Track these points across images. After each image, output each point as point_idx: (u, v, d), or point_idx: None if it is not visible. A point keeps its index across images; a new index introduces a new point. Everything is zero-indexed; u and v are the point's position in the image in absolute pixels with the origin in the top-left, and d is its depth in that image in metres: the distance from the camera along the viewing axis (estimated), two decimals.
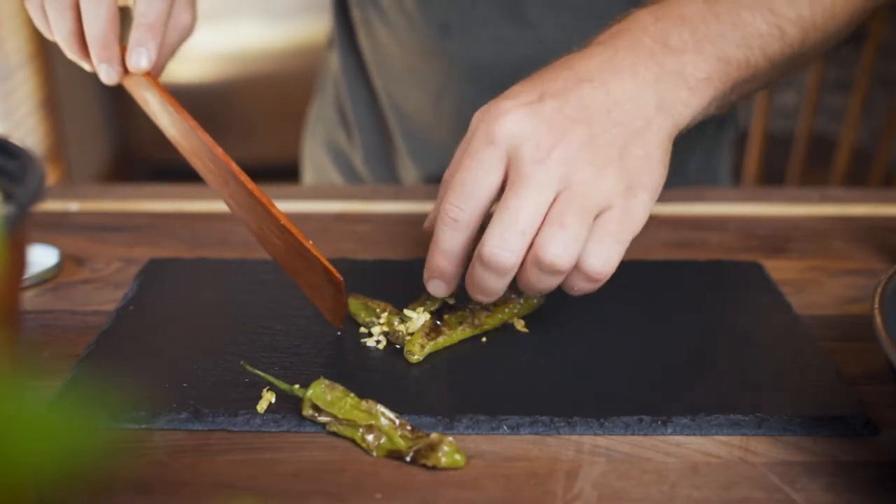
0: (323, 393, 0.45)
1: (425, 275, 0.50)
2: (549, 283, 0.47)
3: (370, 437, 0.44)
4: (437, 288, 0.50)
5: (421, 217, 0.71)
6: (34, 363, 0.51)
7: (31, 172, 0.34)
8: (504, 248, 0.45)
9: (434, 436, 0.43)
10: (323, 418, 0.45)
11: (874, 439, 0.45)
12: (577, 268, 0.46)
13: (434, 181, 0.83)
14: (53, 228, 0.68)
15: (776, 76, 0.56)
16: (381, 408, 0.44)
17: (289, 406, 0.46)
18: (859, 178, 1.60)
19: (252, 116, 2.86)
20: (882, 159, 1.51)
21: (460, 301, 0.53)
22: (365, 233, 0.69)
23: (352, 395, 0.45)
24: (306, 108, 1.04)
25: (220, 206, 0.72)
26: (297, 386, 0.46)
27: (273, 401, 0.47)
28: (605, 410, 0.46)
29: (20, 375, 0.33)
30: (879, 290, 0.44)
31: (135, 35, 0.54)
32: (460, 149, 0.51)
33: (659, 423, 0.45)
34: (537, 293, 0.49)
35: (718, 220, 0.71)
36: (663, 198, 0.74)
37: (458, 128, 0.82)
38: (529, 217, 0.45)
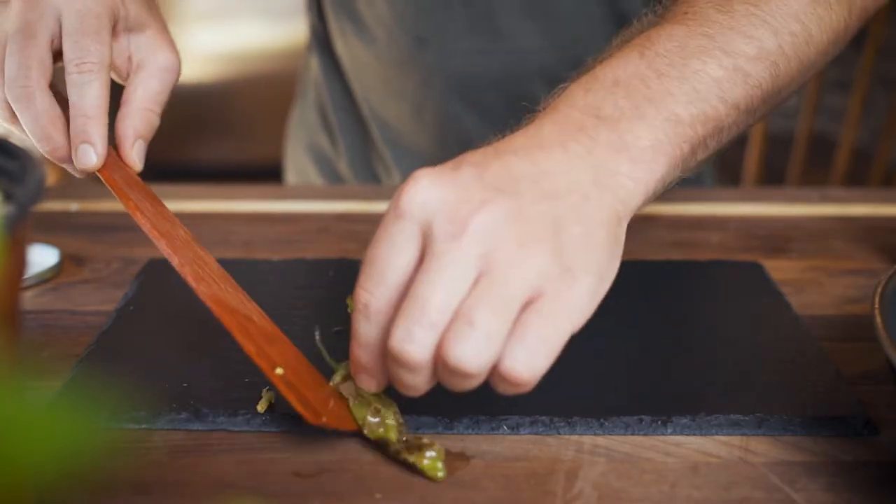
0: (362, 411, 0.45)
1: (352, 369, 0.43)
2: (463, 385, 0.40)
3: (372, 420, 0.44)
4: (367, 383, 0.43)
5: None
6: (34, 363, 0.51)
7: (31, 172, 0.34)
8: (411, 342, 0.38)
9: (428, 440, 0.43)
10: (345, 389, 0.45)
11: (874, 439, 0.45)
12: (495, 370, 0.39)
13: None
14: (53, 228, 0.68)
15: (754, 119, 0.49)
16: (396, 409, 0.44)
17: (289, 406, 0.46)
18: (859, 178, 1.60)
19: (252, 116, 2.86)
20: (882, 159, 1.51)
21: None
22: (365, 233, 0.68)
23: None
24: (290, 111, 1.04)
25: (220, 207, 0.72)
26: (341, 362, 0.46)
27: (273, 401, 0.47)
28: (605, 410, 0.46)
29: (20, 375, 0.33)
30: (879, 290, 0.44)
31: (74, 129, 0.50)
32: None
33: (659, 423, 0.45)
34: (460, 392, 0.41)
35: (718, 220, 0.71)
36: (663, 197, 0.74)
37: (440, 136, 0.82)
38: (438, 308, 0.38)
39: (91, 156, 0.51)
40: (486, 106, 0.79)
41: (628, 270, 0.62)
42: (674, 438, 0.45)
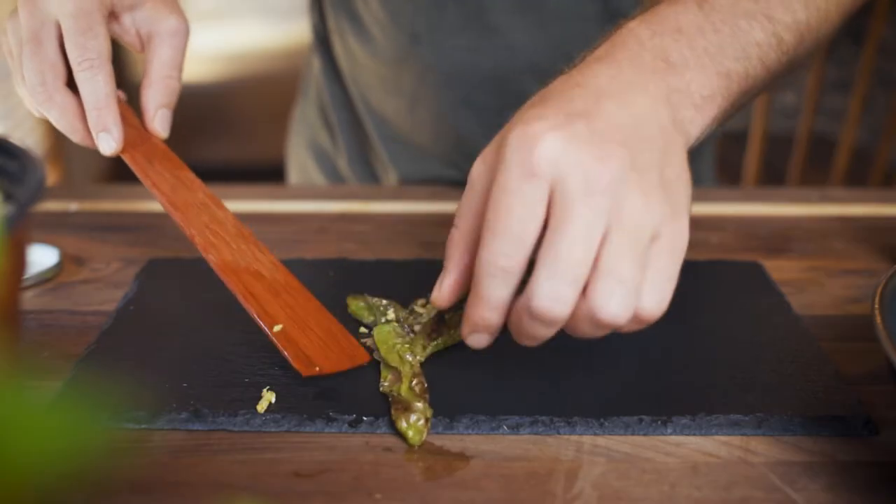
0: (388, 335, 0.51)
1: (465, 329, 0.44)
2: (603, 333, 0.43)
3: (388, 373, 0.48)
4: (480, 341, 0.45)
5: (421, 217, 0.71)
6: (34, 363, 0.51)
7: (31, 172, 0.34)
8: (556, 300, 0.40)
9: (420, 405, 0.45)
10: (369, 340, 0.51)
11: (874, 439, 0.45)
12: (632, 316, 0.41)
13: (413, 185, 0.83)
14: (53, 228, 0.68)
15: (770, 85, 0.53)
16: (419, 373, 0.48)
17: (289, 406, 0.46)
18: (859, 178, 1.60)
19: (251, 116, 2.87)
20: (882, 159, 1.52)
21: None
22: (365, 233, 0.69)
23: (404, 344, 0.50)
24: (293, 109, 1.04)
25: None
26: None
27: (273, 401, 0.47)
28: (605, 410, 0.46)
29: (20, 375, 0.33)
30: (879, 290, 0.44)
31: (90, 121, 0.54)
32: (480, 172, 0.44)
33: (659, 423, 0.45)
34: (585, 339, 0.43)
35: (718, 220, 0.71)
36: None
37: (435, 131, 0.82)
38: (581, 263, 0.40)
39: (110, 142, 0.55)
40: (478, 102, 0.80)
41: None
42: (674, 438, 0.45)
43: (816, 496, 0.41)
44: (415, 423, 0.44)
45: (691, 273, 0.61)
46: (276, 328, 0.49)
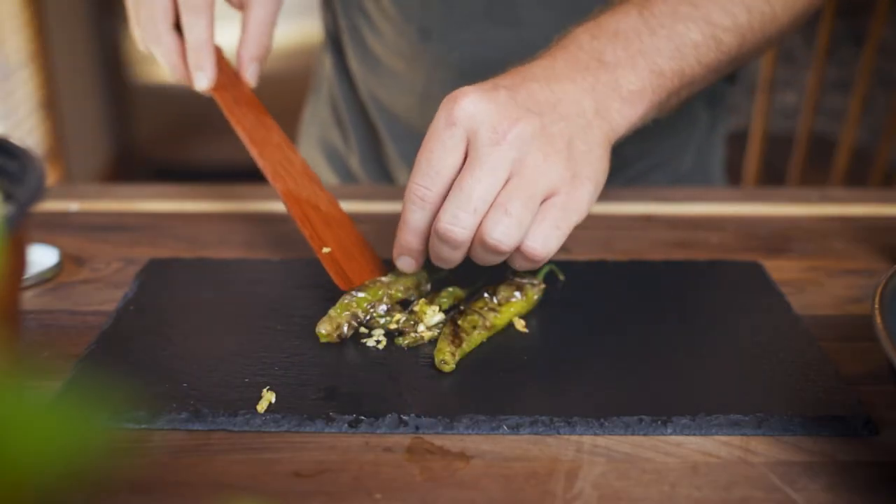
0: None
1: (395, 252, 0.53)
2: (493, 260, 0.50)
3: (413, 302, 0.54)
4: (406, 264, 0.53)
5: None
6: (34, 363, 0.51)
7: (31, 172, 0.34)
8: (456, 224, 0.48)
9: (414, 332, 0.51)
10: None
11: (874, 439, 0.45)
12: (518, 249, 0.49)
13: None
14: (53, 228, 0.68)
15: (715, 79, 0.59)
16: (434, 311, 0.53)
17: (289, 406, 0.46)
18: (859, 178, 1.60)
19: None
20: (882, 159, 1.52)
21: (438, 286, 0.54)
22: (365, 233, 0.68)
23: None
24: (302, 107, 1.04)
25: (220, 207, 0.72)
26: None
27: (273, 401, 0.47)
28: (605, 410, 0.46)
29: (20, 375, 0.33)
30: (879, 290, 0.44)
31: (190, 60, 0.62)
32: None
33: (659, 423, 0.45)
34: (485, 265, 0.52)
35: (718, 220, 0.71)
36: (663, 197, 0.74)
37: None
38: (481, 197, 0.48)
39: (202, 80, 0.63)
40: None
41: (628, 270, 0.62)
42: (674, 438, 0.45)
43: (816, 496, 0.41)
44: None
45: (691, 273, 0.61)
46: (325, 250, 0.57)
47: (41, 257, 0.62)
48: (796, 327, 0.55)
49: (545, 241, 0.49)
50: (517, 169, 0.48)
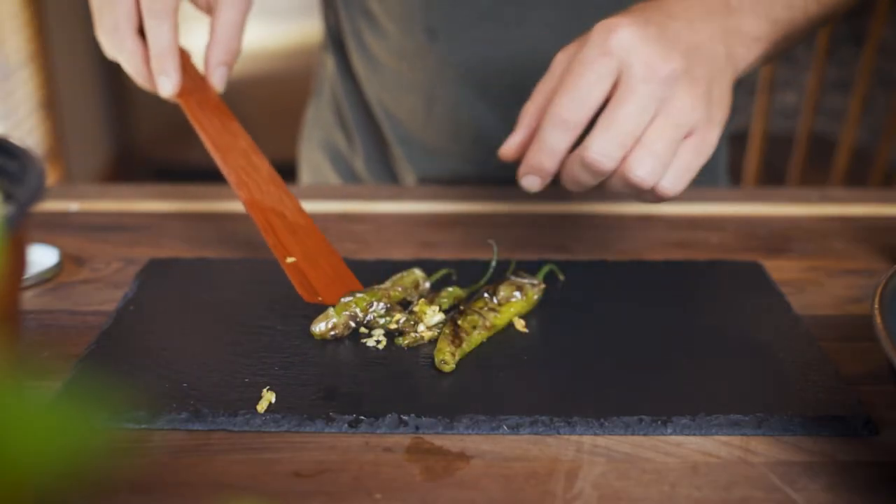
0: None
1: (522, 170, 0.54)
2: (628, 194, 0.52)
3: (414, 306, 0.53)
4: (532, 183, 0.54)
5: (421, 217, 0.71)
6: (34, 363, 0.51)
7: (31, 172, 0.34)
8: (606, 155, 0.50)
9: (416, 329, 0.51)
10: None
11: (874, 439, 0.45)
12: (652, 187, 0.51)
13: (431, 184, 0.83)
14: (53, 228, 0.68)
15: (806, 36, 0.62)
16: (434, 311, 0.53)
17: (289, 406, 0.46)
18: (859, 178, 1.60)
19: (249, 117, 2.86)
20: (882, 159, 1.51)
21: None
22: (365, 233, 0.69)
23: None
24: (303, 108, 1.04)
25: (220, 206, 0.72)
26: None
27: (273, 401, 0.47)
28: (605, 410, 0.46)
29: (20, 375, 0.33)
30: (879, 290, 0.44)
31: (153, 65, 0.61)
32: (560, 60, 0.55)
33: (659, 423, 0.45)
34: (613, 195, 0.54)
35: (718, 220, 0.71)
36: None
37: (452, 129, 0.82)
38: (631, 132, 0.50)
39: (166, 85, 0.62)
40: (496, 96, 0.80)
41: (628, 270, 0.62)
42: (674, 438, 0.45)
43: (816, 496, 0.41)
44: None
45: (691, 273, 0.61)
46: (289, 260, 0.56)
47: (41, 257, 0.62)
48: (796, 327, 0.54)
49: (678, 182, 0.51)
50: (663, 108, 0.50)
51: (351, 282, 0.57)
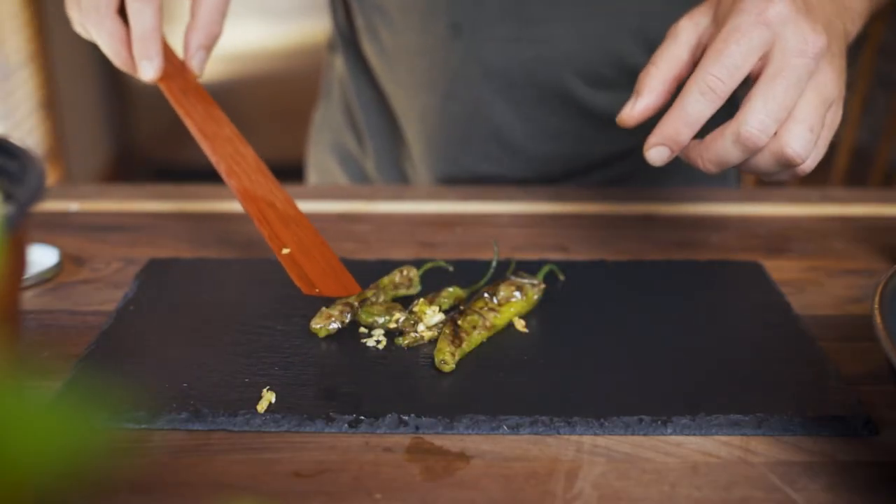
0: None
1: (651, 140, 0.51)
2: (774, 171, 0.51)
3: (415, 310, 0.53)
4: (661, 155, 0.52)
5: (422, 217, 0.71)
6: (34, 363, 0.51)
7: (31, 172, 0.34)
8: (762, 130, 0.49)
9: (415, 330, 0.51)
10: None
11: (874, 439, 0.45)
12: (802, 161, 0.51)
13: (446, 184, 0.83)
14: (53, 228, 0.68)
15: (876, 19, 0.67)
16: (434, 311, 0.52)
17: (289, 406, 0.46)
18: (859, 178, 1.60)
19: (251, 117, 2.87)
20: (882, 159, 1.52)
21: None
22: (365, 233, 0.69)
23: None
24: (306, 108, 1.03)
25: (220, 206, 0.72)
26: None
27: (273, 401, 0.47)
28: (605, 410, 0.46)
29: (20, 375, 0.33)
30: (879, 290, 0.44)
31: (135, 49, 0.60)
32: (686, 27, 0.53)
33: (659, 423, 0.45)
34: (751, 172, 0.52)
35: (718, 220, 0.71)
36: (663, 197, 0.74)
37: (467, 129, 0.82)
38: (787, 107, 0.49)
39: (149, 69, 0.60)
40: (516, 94, 0.79)
41: (628, 270, 0.62)
42: (674, 438, 0.45)
43: (816, 496, 0.41)
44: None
45: (691, 273, 0.61)
46: (285, 251, 0.55)
47: (41, 257, 0.62)
48: (796, 327, 0.54)
49: (819, 156, 0.51)
50: (814, 82, 0.50)
51: (342, 273, 0.56)
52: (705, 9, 0.53)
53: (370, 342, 0.52)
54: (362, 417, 0.45)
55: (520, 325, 0.54)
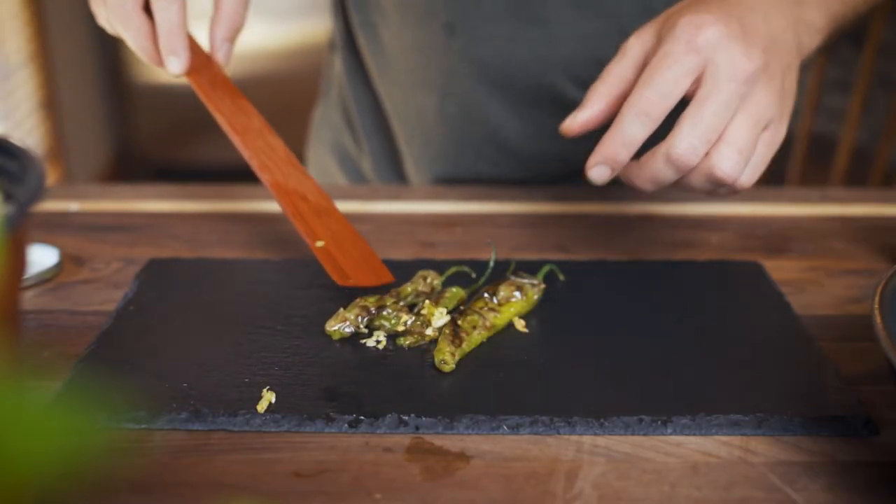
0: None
1: (592, 160, 0.53)
2: (709, 189, 0.53)
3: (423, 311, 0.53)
4: (602, 174, 0.53)
5: (421, 217, 0.71)
6: (34, 363, 0.51)
7: (31, 172, 0.34)
8: (692, 151, 0.50)
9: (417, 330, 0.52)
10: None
11: (874, 439, 0.45)
12: (734, 181, 0.52)
13: (442, 184, 0.83)
14: (53, 228, 0.68)
15: (846, 33, 0.64)
16: (441, 314, 0.53)
17: (289, 406, 0.46)
18: (859, 178, 1.60)
19: None
20: (882, 159, 1.51)
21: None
22: (365, 233, 0.68)
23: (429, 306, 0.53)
24: (306, 108, 1.03)
25: (220, 206, 0.72)
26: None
27: (273, 401, 0.47)
28: (605, 410, 0.46)
29: (20, 375, 0.33)
30: (879, 290, 0.44)
31: (162, 44, 0.61)
32: (634, 44, 0.54)
33: (659, 423, 0.45)
34: (688, 190, 0.54)
35: (718, 220, 0.71)
36: (663, 197, 0.74)
37: (463, 129, 0.82)
38: (716, 129, 0.50)
39: (176, 64, 0.61)
40: (511, 94, 0.79)
41: (628, 270, 0.62)
42: (674, 438, 0.45)
43: (816, 496, 0.41)
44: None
45: (691, 273, 0.61)
46: (319, 244, 0.56)
47: (41, 257, 0.62)
48: (796, 327, 0.54)
49: (755, 175, 0.52)
50: (744, 105, 0.51)
51: (375, 262, 0.57)
52: (652, 27, 0.54)
53: (370, 342, 0.52)
54: (362, 417, 0.45)
55: (520, 325, 0.54)
